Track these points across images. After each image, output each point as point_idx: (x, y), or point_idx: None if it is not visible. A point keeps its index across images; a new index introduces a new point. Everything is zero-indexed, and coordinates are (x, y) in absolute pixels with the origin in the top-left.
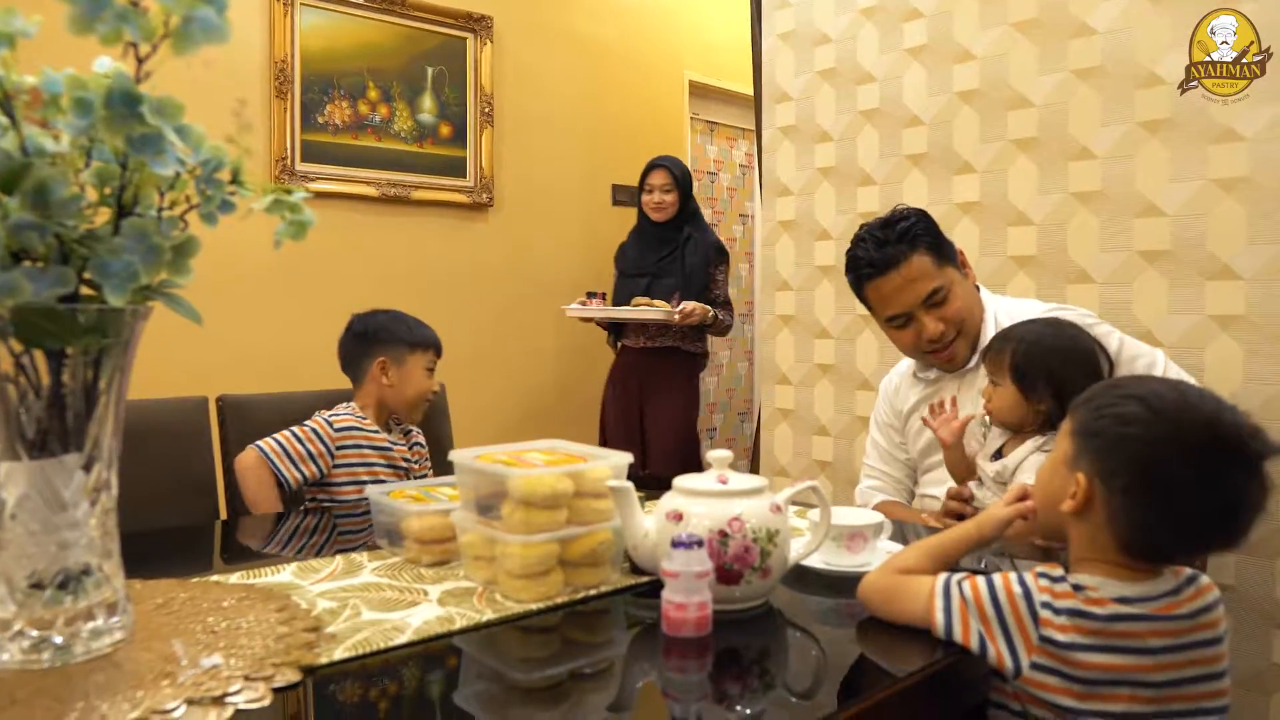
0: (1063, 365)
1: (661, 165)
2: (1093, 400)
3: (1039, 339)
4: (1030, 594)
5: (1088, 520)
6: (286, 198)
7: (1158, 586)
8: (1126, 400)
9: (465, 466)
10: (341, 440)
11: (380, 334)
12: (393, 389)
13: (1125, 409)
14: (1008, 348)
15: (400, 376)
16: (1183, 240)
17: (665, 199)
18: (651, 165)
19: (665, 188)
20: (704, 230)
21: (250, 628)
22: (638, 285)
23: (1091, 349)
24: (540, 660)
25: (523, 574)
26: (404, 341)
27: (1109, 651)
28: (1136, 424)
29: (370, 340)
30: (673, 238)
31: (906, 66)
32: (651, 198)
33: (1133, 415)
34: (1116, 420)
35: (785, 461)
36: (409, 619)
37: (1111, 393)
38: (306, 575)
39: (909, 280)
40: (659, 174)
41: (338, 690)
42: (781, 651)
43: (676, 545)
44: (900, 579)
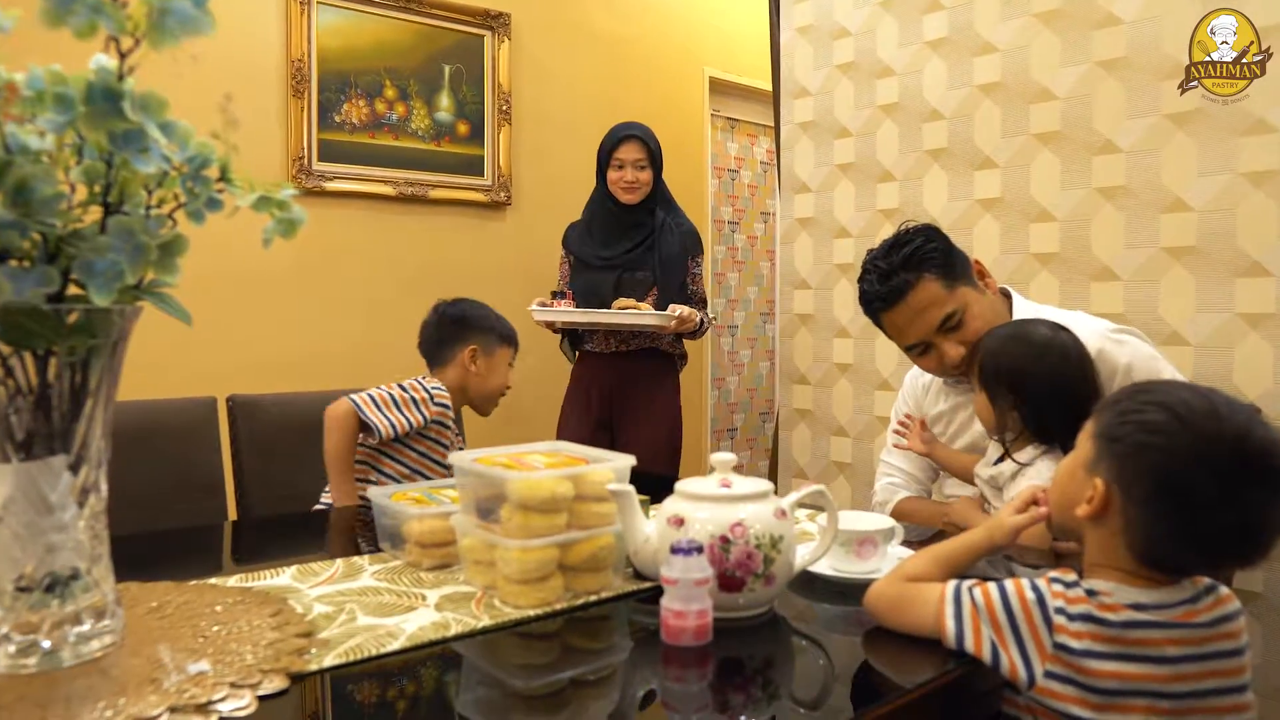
0: (1019, 373)
1: (633, 136)
2: (1119, 404)
3: (1000, 347)
4: (1044, 599)
5: (1104, 526)
6: (273, 195)
7: (1175, 595)
8: (1153, 407)
9: (464, 469)
10: (436, 415)
11: (476, 322)
12: (479, 378)
13: (1151, 416)
14: (976, 356)
15: (489, 367)
16: (1211, 236)
17: (639, 177)
18: (620, 136)
19: (639, 163)
20: (679, 215)
21: (242, 633)
22: (604, 280)
23: (1061, 355)
24: (539, 667)
25: (521, 579)
26: (496, 333)
27: (1124, 660)
28: (1161, 433)
29: (465, 326)
30: (645, 223)
31: (926, 60)
32: (622, 175)
33: (1158, 424)
34: (1140, 427)
35: (804, 463)
36: (404, 625)
37: (1138, 398)
38: (306, 578)
39: (918, 310)
40: (631, 146)
41: (325, 698)
42: (786, 661)
43: (676, 551)
44: (909, 586)
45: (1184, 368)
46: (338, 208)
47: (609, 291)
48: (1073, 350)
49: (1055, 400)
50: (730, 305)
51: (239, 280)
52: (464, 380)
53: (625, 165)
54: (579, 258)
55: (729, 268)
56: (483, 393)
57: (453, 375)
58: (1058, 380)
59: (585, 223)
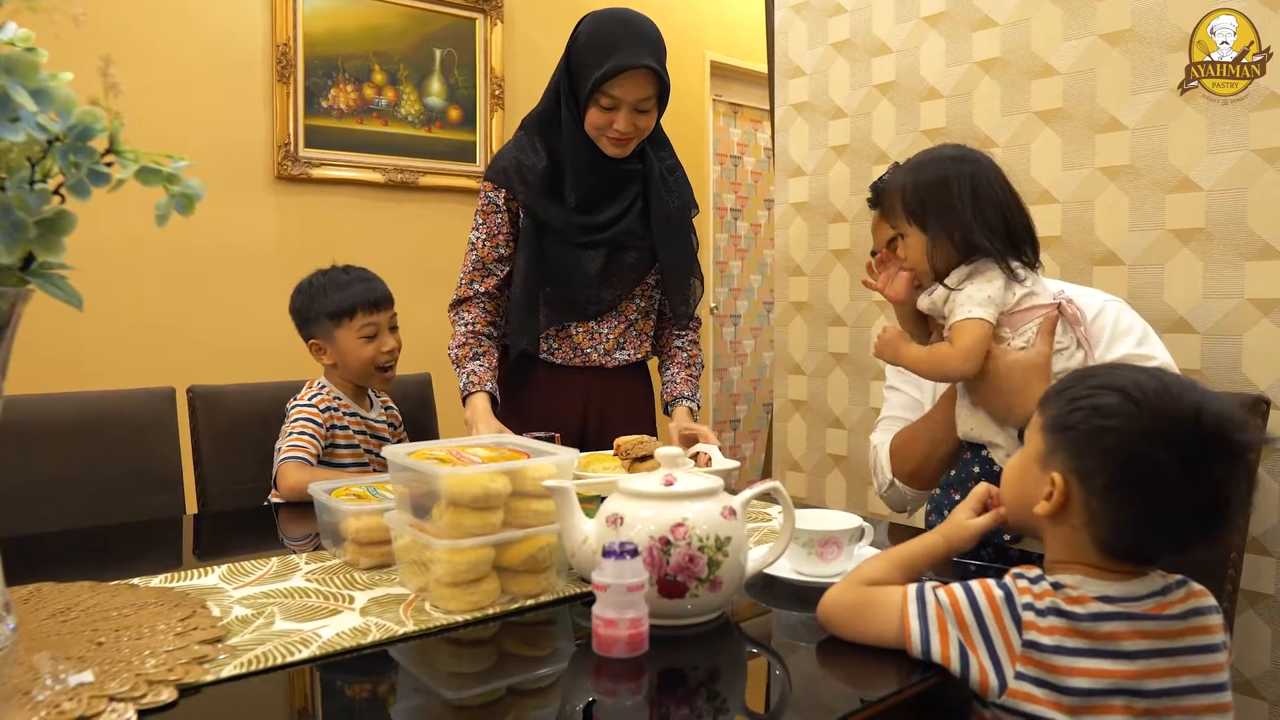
0: (941, 179)
1: (641, 65)
2: (1065, 392)
3: (913, 170)
4: (1012, 596)
5: (1064, 522)
6: (159, 166)
7: (1144, 587)
8: (1105, 391)
9: (397, 463)
10: (330, 420)
11: (303, 314)
12: (337, 369)
13: (1104, 400)
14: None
15: (339, 351)
16: (1220, 217)
17: (638, 124)
18: (623, 66)
19: (643, 104)
20: (664, 148)
21: (142, 639)
22: (585, 263)
23: (969, 155)
24: (471, 676)
25: (452, 582)
26: (324, 314)
27: (1094, 656)
28: (1117, 416)
29: (300, 321)
30: (635, 172)
31: (924, 36)
32: (613, 120)
33: (1112, 407)
34: (1095, 413)
35: (799, 455)
36: (321, 630)
37: (1087, 383)
38: (234, 578)
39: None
40: (636, 80)
41: (214, 711)
42: (735, 673)
43: (607, 554)
44: (867, 591)
45: (1191, 356)
46: (325, 195)
47: (594, 283)
48: (975, 151)
49: (979, 197)
50: (733, 294)
51: (221, 271)
52: (330, 374)
53: (621, 106)
54: (541, 219)
55: (731, 255)
56: (353, 375)
57: (328, 371)
58: (978, 178)
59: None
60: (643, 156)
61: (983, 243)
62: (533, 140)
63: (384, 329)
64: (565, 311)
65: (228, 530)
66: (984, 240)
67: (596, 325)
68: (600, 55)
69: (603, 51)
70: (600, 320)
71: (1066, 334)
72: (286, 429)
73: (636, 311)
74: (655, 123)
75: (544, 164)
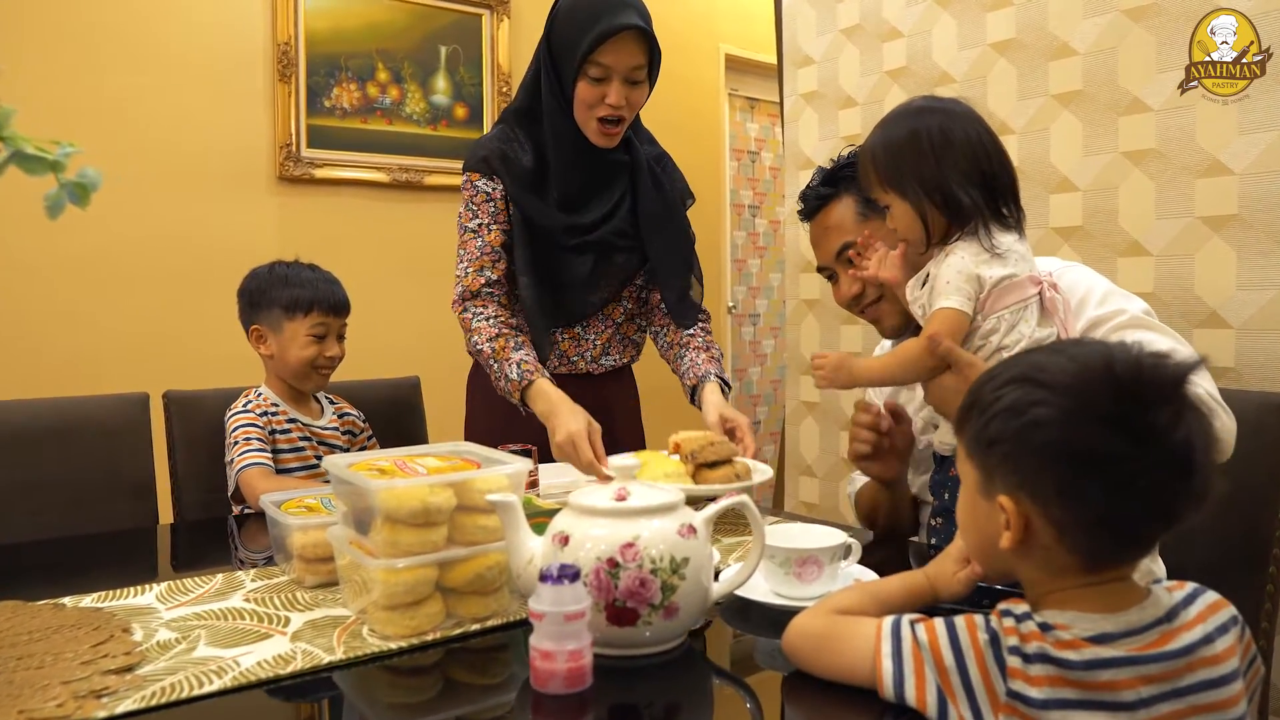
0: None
1: (631, 24)
2: (974, 407)
3: (883, 132)
4: (997, 638)
5: (1035, 548)
6: (45, 153)
7: (1146, 614)
8: (1008, 387)
9: (336, 475)
10: (269, 425)
11: (254, 297)
12: (273, 360)
13: (1011, 398)
14: (866, 164)
15: (278, 345)
16: (1253, 203)
17: (631, 98)
18: (606, 30)
19: (634, 74)
20: (643, 132)
21: (43, 667)
22: (575, 266)
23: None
24: (410, 707)
25: (389, 605)
26: (278, 304)
27: (1091, 709)
28: (1031, 409)
29: (248, 304)
30: (622, 164)
31: (936, 18)
32: (605, 94)
33: (1023, 401)
34: (1010, 415)
35: (811, 459)
36: (242, 658)
37: (987, 389)
38: (171, 597)
39: (824, 230)
40: (627, 44)
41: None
42: (695, 706)
43: (544, 579)
44: (838, 620)
45: (1225, 352)
46: (328, 196)
47: (582, 287)
48: (947, 99)
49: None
50: (751, 293)
51: (222, 275)
52: (266, 366)
53: (612, 76)
54: (529, 218)
55: (749, 254)
56: (285, 373)
57: (267, 374)
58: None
59: (529, 151)
60: (629, 147)
61: (962, 197)
62: (515, 133)
63: (333, 334)
64: (554, 316)
65: (194, 542)
66: (962, 194)
67: (583, 331)
68: (585, 24)
69: (587, 20)
70: (586, 326)
71: (1047, 324)
72: (229, 440)
73: (623, 314)
74: (646, 98)
75: (529, 158)
